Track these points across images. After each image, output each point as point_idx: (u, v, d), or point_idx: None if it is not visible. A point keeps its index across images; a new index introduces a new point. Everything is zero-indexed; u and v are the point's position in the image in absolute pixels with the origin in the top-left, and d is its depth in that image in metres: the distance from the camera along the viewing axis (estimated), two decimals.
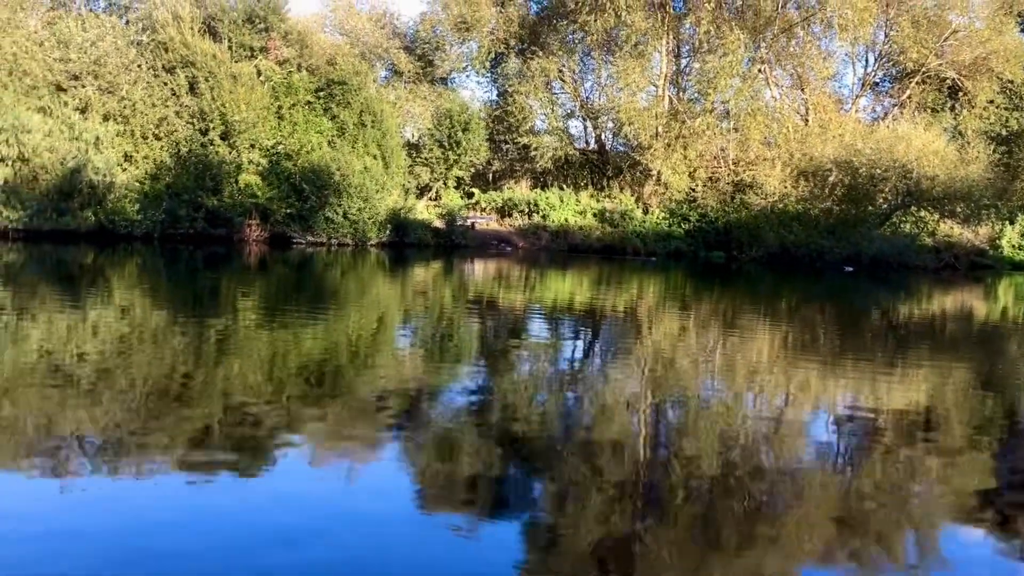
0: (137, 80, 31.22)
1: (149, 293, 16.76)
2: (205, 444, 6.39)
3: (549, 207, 40.96)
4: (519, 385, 9.33)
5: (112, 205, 29.02)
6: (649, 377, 10.17)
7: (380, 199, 33.59)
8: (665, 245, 39.31)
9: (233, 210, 31.03)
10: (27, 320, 11.87)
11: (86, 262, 22.58)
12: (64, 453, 5.94)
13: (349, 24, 46.54)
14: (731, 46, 39.15)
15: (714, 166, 42.44)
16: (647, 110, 41.44)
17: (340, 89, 35.35)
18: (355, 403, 7.97)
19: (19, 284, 16.98)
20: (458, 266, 28.52)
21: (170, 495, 5.28)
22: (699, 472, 6.29)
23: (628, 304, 19.29)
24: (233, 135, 31.92)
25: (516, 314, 16.49)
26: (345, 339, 11.99)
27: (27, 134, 27.40)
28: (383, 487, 5.79)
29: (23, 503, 5.05)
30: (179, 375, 8.68)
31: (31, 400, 7.27)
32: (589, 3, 40.08)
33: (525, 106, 44.39)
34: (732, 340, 13.97)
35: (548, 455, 6.61)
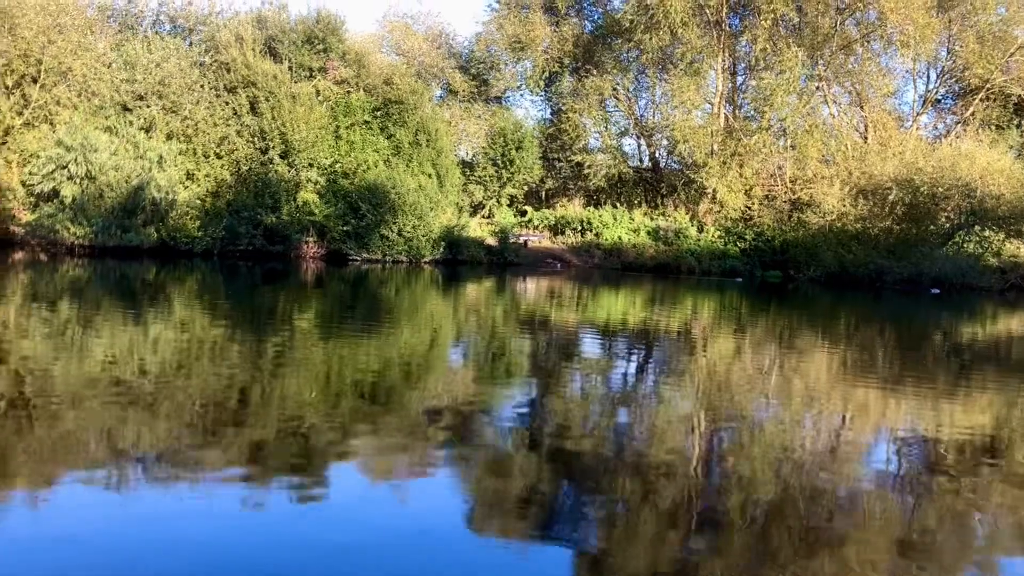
0: (200, 100, 32.01)
1: (209, 308, 17.10)
2: (260, 459, 6.47)
3: (602, 225, 40.87)
4: (571, 404, 9.29)
5: (174, 222, 29.75)
6: (703, 397, 10.04)
7: (434, 217, 33.89)
8: (720, 264, 38.90)
9: (291, 227, 31.56)
10: (91, 334, 12.19)
11: (148, 278, 23.13)
12: (123, 466, 6.07)
13: (406, 44, 47.18)
14: (788, 63, 38.75)
15: (770, 184, 41.97)
16: (702, 128, 41.19)
17: (396, 108, 35.81)
18: (408, 419, 8.01)
19: (84, 299, 17.46)
20: (510, 284, 28.57)
21: (224, 510, 5.36)
22: (755, 496, 6.18)
23: (682, 323, 19.11)
24: (292, 154, 32.51)
25: (568, 332, 16.44)
26: (399, 355, 12.08)
27: (94, 153, 28.26)
28: (435, 505, 5.79)
29: (82, 515, 5.16)
30: (236, 390, 8.83)
31: (93, 413, 7.45)
32: (644, 21, 40.03)
33: (579, 124, 44.45)
34: (789, 361, 13.74)
35: (601, 475, 6.55)
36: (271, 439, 6.94)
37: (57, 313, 14.46)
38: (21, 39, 29.54)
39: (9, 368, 9.29)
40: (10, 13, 29.49)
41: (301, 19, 36.01)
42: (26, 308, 14.98)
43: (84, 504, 5.29)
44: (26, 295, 17.18)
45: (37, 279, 20.92)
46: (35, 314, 14.22)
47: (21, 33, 29.53)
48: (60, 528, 4.88)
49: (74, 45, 30.83)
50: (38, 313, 14.39)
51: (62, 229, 27.83)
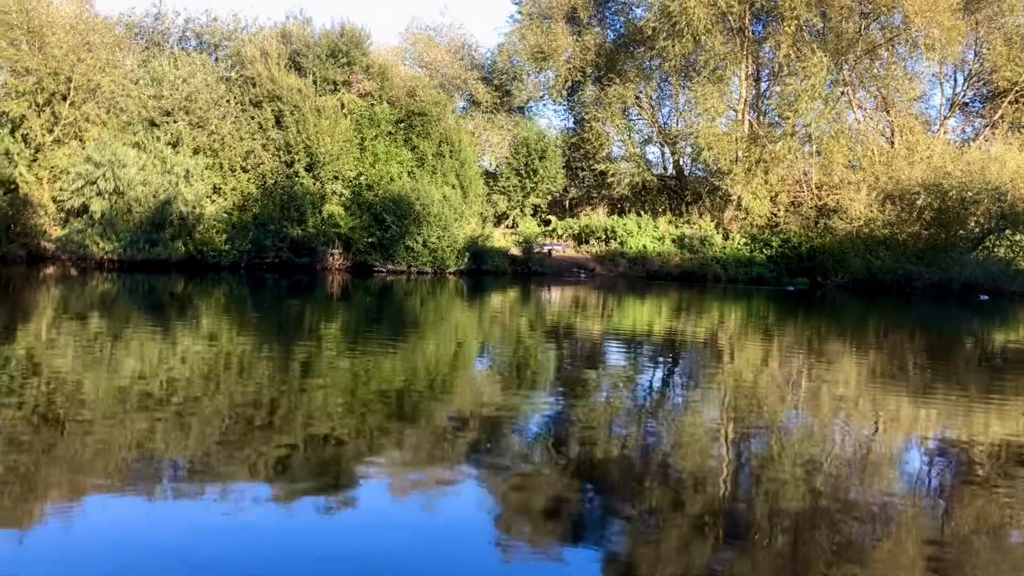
0: (226, 115, 32.34)
1: (236, 321, 17.24)
2: (288, 469, 6.50)
3: (627, 233, 40.77)
4: (598, 413, 9.25)
5: (201, 236, 30.05)
6: (731, 406, 9.96)
7: (458, 227, 33.99)
8: (747, 271, 38.66)
9: (317, 239, 31.78)
10: (121, 347, 12.32)
11: (177, 291, 23.36)
12: (153, 479, 6.12)
13: (429, 56, 47.44)
14: (812, 69, 38.51)
15: (796, 191, 41.70)
16: (726, 135, 41.02)
17: (420, 120, 35.98)
18: (434, 430, 8.02)
19: (114, 313, 17.66)
20: (535, 293, 28.56)
21: (253, 519, 5.38)
22: (784, 505, 6.12)
23: (709, 331, 18.99)
24: (317, 167, 32.75)
25: (594, 342, 16.39)
26: (424, 366, 12.10)
27: (123, 168, 28.63)
28: (462, 514, 5.78)
29: (113, 523, 5.20)
30: (265, 402, 8.88)
31: (123, 426, 7.52)
32: (666, 29, 39.98)
33: (602, 133, 44.44)
34: (818, 369, 13.61)
35: (628, 485, 6.52)
36: (299, 450, 6.97)
37: (87, 327, 14.63)
38: (52, 58, 30.03)
39: (41, 381, 9.40)
40: (40, 32, 30.00)
41: (325, 33, 36.33)
42: (58, 322, 15.17)
43: (115, 516, 5.34)
44: (57, 310, 17.41)
45: (68, 294, 21.19)
46: (66, 328, 14.40)
47: (51, 52, 30.02)
48: (90, 540, 4.92)
49: (102, 62, 31.29)
50: (69, 327, 14.57)
51: (91, 244, 28.21)
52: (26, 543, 4.90)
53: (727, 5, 39.79)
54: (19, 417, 7.62)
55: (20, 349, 11.70)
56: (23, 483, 5.86)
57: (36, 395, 8.70)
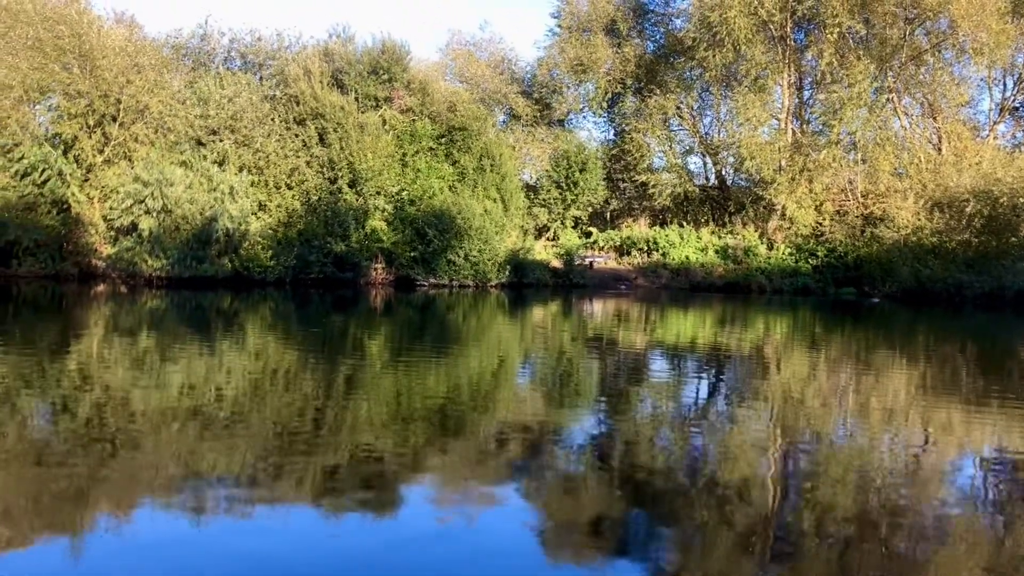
0: (271, 133, 32.87)
1: (282, 336, 17.44)
2: (334, 482, 6.54)
3: (669, 245, 40.55)
4: (641, 426, 9.18)
5: (247, 252, 30.52)
6: (777, 418, 9.83)
7: (499, 241, 34.10)
8: (792, 282, 38.20)
9: (360, 254, 32.09)
10: (169, 363, 12.53)
11: (223, 307, 23.71)
12: (201, 491, 6.20)
13: (469, 71, 47.76)
14: (857, 76, 38.05)
15: (842, 199, 41.17)
16: (769, 144, 40.65)
17: (460, 135, 36.22)
18: (478, 443, 8.02)
19: (163, 329, 17.98)
20: (576, 306, 28.49)
21: (300, 533, 5.42)
22: (832, 519, 6.01)
23: (755, 343, 18.77)
24: (360, 183, 33.10)
25: (637, 354, 16.30)
26: (468, 379, 12.12)
27: (170, 187, 29.22)
28: (506, 528, 5.77)
29: (163, 535, 5.28)
30: (310, 414, 8.96)
31: (172, 438, 7.64)
32: (707, 39, 39.82)
33: (643, 144, 44.34)
34: (866, 380, 13.37)
35: (673, 499, 6.45)
36: (344, 464, 7.01)
37: (137, 343, 14.91)
38: (102, 80, 30.78)
39: (93, 396, 9.60)
40: (92, 56, 30.78)
41: (367, 50, 36.77)
42: (108, 339, 15.48)
43: (164, 529, 5.42)
44: (108, 326, 17.77)
45: (118, 311, 21.62)
46: (117, 345, 14.69)
47: (102, 75, 30.77)
48: (140, 553, 4.99)
49: (151, 84, 31.99)
50: (119, 344, 14.86)
51: (140, 261, 28.80)
52: (79, 555, 4.99)
53: (768, 14, 39.52)
54: (72, 431, 7.78)
55: (72, 365, 11.96)
56: (76, 496, 5.98)
57: (88, 410, 8.88)
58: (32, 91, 31.15)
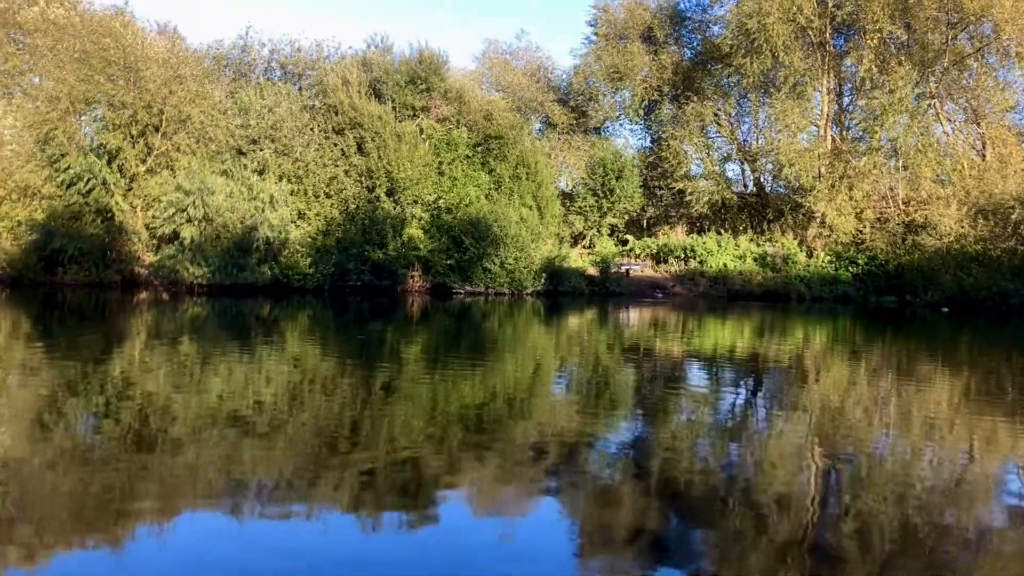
0: (310, 142, 33.25)
1: (321, 343, 17.61)
2: (370, 488, 6.59)
3: (706, 252, 40.28)
4: (678, 435, 9.13)
5: (286, 260, 30.87)
6: (817, 428, 9.72)
7: (535, 248, 34.14)
8: (832, 290, 37.74)
9: (397, 262, 32.29)
10: (210, 369, 12.71)
11: (263, 314, 23.99)
12: (239, 496, 6.28)
13: (505, 80, 47.93)
14: (898, 82, 37.57)
15: (882, 206, 40.62)
16: (808, 151, 40.25)
17: (497, 143, 36.34)
18: (514, 451, 8.03)
19: (204, 336, 18.24)
20: (613, 314, 28.40)
21: (337, 539, 5.48)
22: (874, 532, 5.93)
23: (794, 352, 18.57)
24: (397, 191, 33.35)
25: (674, 362, 16.20)
26: (504, 387, 12.14)
27: (211, 196, 29.66)
28: (542, 537, 5.77)
29: (203, 540, 5.36)
30: (347, 420, 9.04)
31: (212, 444, 7.75)
32: (745, 46, 39.56)
33: (680, 151, 44.14)
34: (908, 390, 13.17)
35: (710, 509, 6.41)
36: (381, 470, 7.07)
37: (178, 350, 15.15)
38: (146, 91, 31.37)
39: (135, 403, 9.77)
40: (136, 67, 31.39)
41: (404, 60, 37.06)
42: (150, 346, 15.75)
43: (204, 534, 5.50)
44: (150, 333, 18.07)
45: (160, 318, 21.98)
46: (159, 351, 14.94)
47: (146, 86, 31.36)
48: (180, 557, 5.08)
49: (193, 94, 32.53)
50: (161, 350, 15.10)
51: (182, 269, 29.24)
52: (121, 558, 5.08)
53: (807, 20, 39.18)
54: (115, 437, 7.93)
55: (116, 371, 12.18)
56: (119, 501, 6.09)
57: (130, 416, 9.04)
58: (78, 102, 31.85)
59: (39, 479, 6.52)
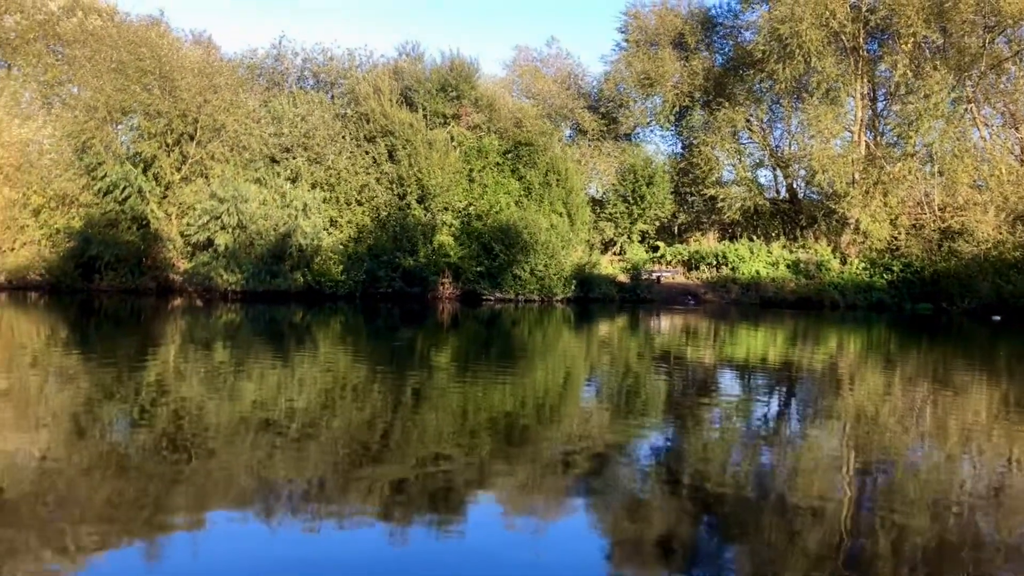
0: (342, 150, 33.49)
1: (352, 349, 17.71)
2: (401, 495, 6.61)
3: (738, 259, 39.96)
4: (710, 444, 9.06)
5: (319, 267, 31.11)
6: (851, 437, 9.60)
7: (565, 255, 34.08)
8: (866, 297, 37.27)
9: (427, 269, 32.40)
10: (243, 375, 12.83)
11: (296, 320, 24.18)
12: (271, 501, 6.33)
13: (535, 87, 47.96)
14: (933, 87, 37.06)
15: (918, 213, 40.04)
16: (842, 156, 39.82)
17: (527, 150, 36.35)
18: (544, 459, 8.01)
19: (238, 342, 18.42)
20: (644, 321, 28.27)
21: (367, 546, 5.50)
22: (909, 542, 5.84)
23: (828, 360, 18.37)
24: (428, 198, 33.47)
25: (705, 370, 16.09)
26: (533, 394, 12.13)
27: (245, 203, 29.98)
28: (574, 546, 5.75)
29: (235, 543, 5.40)
30: (378, 427, 9.08)
31: (245, 449, 7.82)
32: (777, 52, 39.25)
33: (711, 157, 43.87)
34: (944, 399, 12.97)
35: (744, 517, 6.35)
36: (411, 476, 7.08)
37: (212, 356, 15.31)
38: (181, 100, 31.79)
39: (170, 408, 9.89)
40: (171, 78, 31.83)
41: (435, 68, 37.21)
42: (185, 352, 15.93)
43: (237, 536, 5.55)
44: (184, 339, 18.29)
45: (194, 324, 22.23)
46: (193, 357, 15.10)
47: (181, 95, 31.79)
48: (214, 559, 5.12)
49: (227, 103, 32.91)
50: (196, 356, 15.27)
51: (216, 276, 29.57)
52: (154, 562, 5.14)
53: (840, 25, 38.81)
54: (150, 442, 8.03)
55: (151, 377, 12.34)
56: (153, 504, 6.16)
57: (165, 421, 9.15)
58: (115, 112, 32.35)
59: (77, 482, 6.61)
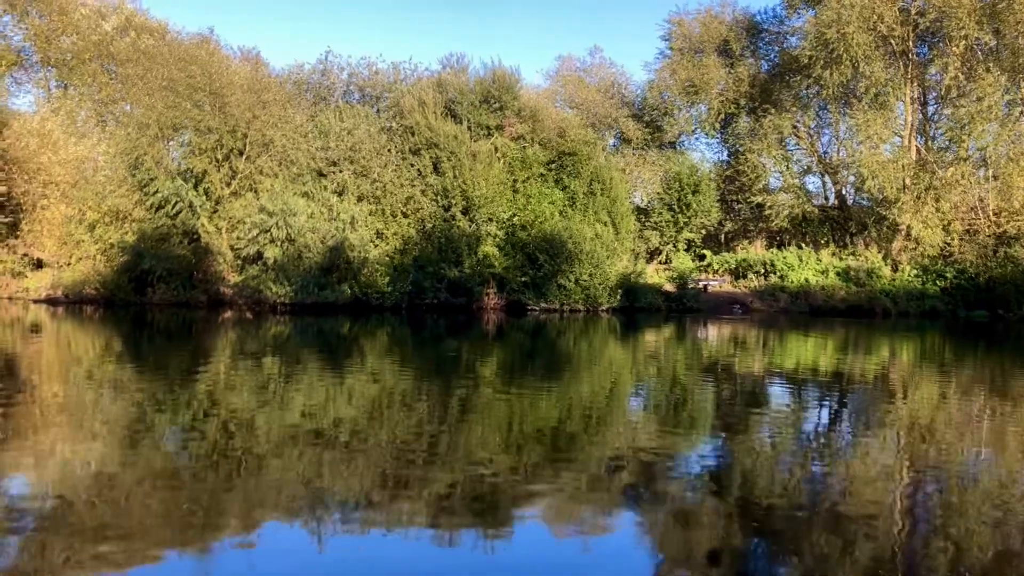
0: (387, 163, 33.83)
1: (399, 360, 17.83)
2: (448, 504, 6.63)
3: (787, 267, 39.47)
4: (760, 455, 8.94)
5: (366, 279, 31.42)
6: (905, 447, 9.40)
7: (610, 265, 33.97)
8: (919, 304, 36.55)
9: (472, 280, 32.52)
10: (292, 386, 12.99)
11: (344, 332, 24.42)
12: (320, 512, 6.39)
13: (579, 97, 47.97)
14: (986, 89, 36.31)
15: (971, 218, 39.20)
16: (892, 162, 39.16)
17: (570, 160, 36.36)
18: (591, 470, 7.97)
19: (287, 353, 18.66)
20: (690, 330, 28.02)
21: (415, 555, 5.51)
22: (966, 554, 5.69)
23: (880, 369, 18.02)
24: (473, 210, 33.63)
25: (754, 380, 15.89)
26: (579, 405, 12.08)
27: (293, 217, 30.43)
28: (620, 559, 5.71)
29: (285, 552, 5.46)
30: (425, 437, 9.11)
31: (294, 459, 7.91)
32: (824, 57, 38.78)
33: (758, 164, 43.46)
34: (1002, 408, 12.64)
35: (793, 529, 6.25)
36: (458, 487, 7.10)
37: (262, 367, 15.52)
38: (230, 116, 32.41)
39: (220, 419, 10.04)
40: (221, 94, 32.46)
41: (478, 80, 37.44)
42: (235, 363, 16.17)
43: (287, 546, 5.60)
44: (235, 351, 18.57)
45: (244, 336, 22.56)
46: (243, 368, 15.33)
47: (231, 111, 32.40)
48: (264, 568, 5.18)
49: (275, 118, 33.47)
50: (246, 367, 15.49)
51: (265, 289, 30.02)
52: (210, 570, 5.21)
53: (888, 29, 38.24)
54: (202, 452, 8.16)
55: (202, 388, 12.55)
56: (203, 514, 6.26)
57: (216, 432, 9.29)
58: (166, 128, 33.09)
59: (132, 491, 6.74)
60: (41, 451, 8.14)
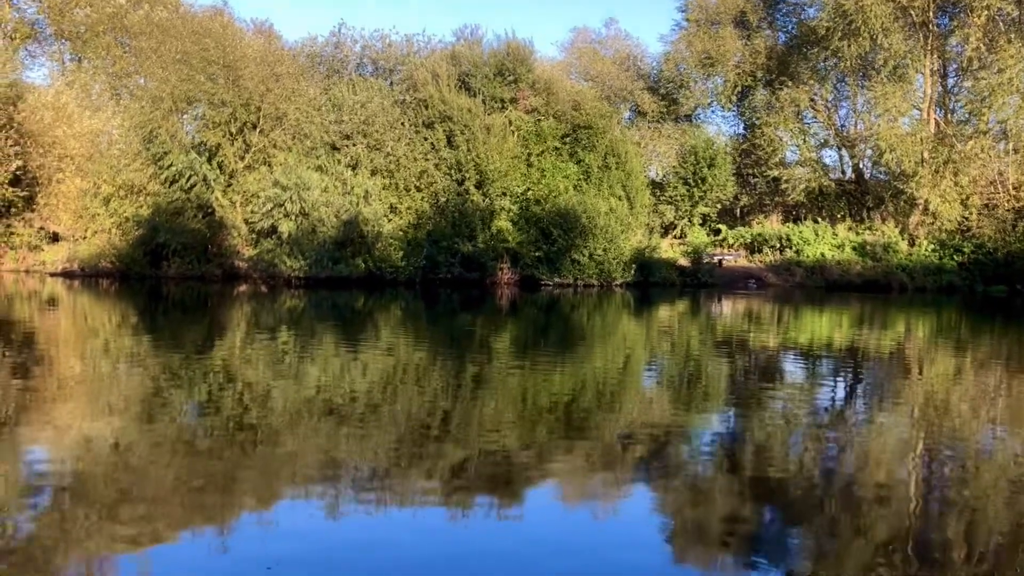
0: (401, 137, 33.70)
1: (413, 334, 17.87)
2: (460, 481, 6.65)
3: (803, 241, 39.19)
4: (774, 430, 8.92)
5: (379, 253, 31.43)
6: (919, 422, 9.35)
7: (625, 239, 33.82)
8: (936, 279, 36.27)
9: (486, 255, 32.48)
10: (307, 359, 13.04)
11: (358, 306, 24.49)
12: (334, 485, 6.42)
13: (594, 69, 47.53)
14: (1008, 61, 35.76)
15: (991, 192, 38.76)
16: (910, 135, 38.70)
17: (585, 133, 36.12)
18: (603, 444, 7.98)
19: (301, 327, 18.73)
20: (705, 305, 27.95)
21: (429, 528, 5.54)
22: (982, 530, 5.67)
23: (896, 344, 17.93)
24: (486, 184, 33.50)
25: (769, 355, 15.84)
26: (593, 380, 12.08)
27: (307, 191, 30.41)
28: (633, 533, 5.72)
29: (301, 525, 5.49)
30: (439, 411, 9.14)
31: (309, 432, 7.95)
32: (842, 28, 38.25)
33: (774, 138, 43.04)
34: (1019, 383, 12.55)
35: (808, 504, 6.24)
36: (471, 460, 7.12)
37: (277, 340, 15.59)
38: (244, 89, 32.31)
39: (236, 392, 10.10)
40: (235, 67, 32.36)
41: (492, 52, 37.12)
42: (251, 336, 16.25)
43: (302, 518, 5.64)
44: (250, 324, 18.66)
45: (259, 309, 22.66)
46: (258, 342, 15.40)
47: (244, 84, 32.30)
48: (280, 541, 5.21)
49: (288, 91, 33.34)
50: (261, 341, 15.57)
51: (280, 263, 30.09)
52: (220, 545, 5.26)
53: (908, 0, 37.65)
54: (218, 425, 8.21)
55: (217, 361, 12.62)
56: (219, 488, 6.30)
57: (232, 405, 9.35)
58: (180, 102, 33.04)
59: (149, 464, 6.80)
60: (59, 425, 8.21)
